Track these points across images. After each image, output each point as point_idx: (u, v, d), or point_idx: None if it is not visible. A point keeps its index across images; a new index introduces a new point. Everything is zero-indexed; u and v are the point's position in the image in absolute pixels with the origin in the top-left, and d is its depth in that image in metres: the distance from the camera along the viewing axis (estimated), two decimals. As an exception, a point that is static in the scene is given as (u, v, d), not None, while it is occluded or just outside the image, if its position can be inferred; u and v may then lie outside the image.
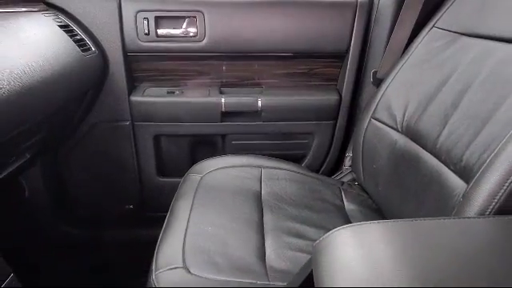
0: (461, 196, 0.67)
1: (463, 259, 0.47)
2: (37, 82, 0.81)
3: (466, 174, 0.69)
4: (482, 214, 0.58)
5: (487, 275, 0.43)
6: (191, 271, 0.70)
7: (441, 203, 0.75)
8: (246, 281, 0.70)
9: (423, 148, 0.87)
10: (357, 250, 0.48)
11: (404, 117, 0.97)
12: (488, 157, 0.64)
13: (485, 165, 0.62)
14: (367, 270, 0.44)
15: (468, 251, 0.48)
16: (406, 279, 0.41)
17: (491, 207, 0.58)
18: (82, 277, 1.29)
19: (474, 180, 0.62)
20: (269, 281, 0.70)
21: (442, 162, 0.78)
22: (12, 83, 0.72)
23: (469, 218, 0.58)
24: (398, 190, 0.93)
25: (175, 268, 0.71)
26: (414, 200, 0.85)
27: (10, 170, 0.93)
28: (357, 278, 0.43)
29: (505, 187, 0.56)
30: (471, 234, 0.53)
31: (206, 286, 0.68)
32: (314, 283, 0.49)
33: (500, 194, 0.57)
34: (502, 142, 0.62)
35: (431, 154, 0.83)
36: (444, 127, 0.82)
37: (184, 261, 0.72)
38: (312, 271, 0.52)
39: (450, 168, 0.75)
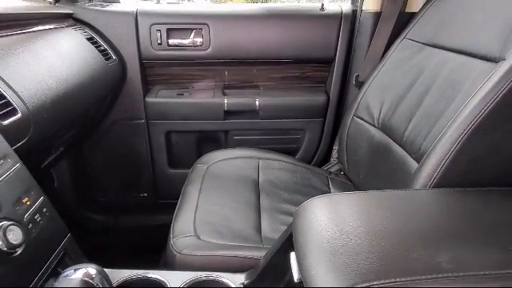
0: (416, 176, 0.82)
1: (405, 218, 0.62)
2: (72, 87, 0.96)
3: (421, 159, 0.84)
4: (424, 187, 0.73)
5: (418, 228, 0.59)
6: (201, 238, 0.85)
7: (404, 185, 0.86)
8: (244, 244, 0.84)
9: (393, 141, 0.99)
10: (327, 213, 0.62)
11: (380, 114, 1.09)
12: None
13: (429, 150, 0.77)
14: (333, 228, 0.57)
15: (409, 212, 0.64)
16: (363, 234, 0.55)
17: (430, 182, 0.72)
18: (104, 256, 1.43)
19: (421, 162, 0.78)
20: (263, 245, 0.84)
21: (407, 151, 0.90)
22: (58, 88, 0.88)
23: (413, 190, 0.74)
24: (375, 178, 1.05)
25: (188, 236, 0.86)
26: (385, 184, 0.97)
27: (48, 161, 1.07)
28: (325, 233, 0.56)
29: (439, 168, 0.71)
30: (413, 201, 0.69)
31: (212, 248, 0.82)
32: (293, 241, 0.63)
33: (436, 172, 0.71)
34: (442, 132, 0.75)
35: (399, 145, 0.95)
36: (409, 123, 0.94)
37: (195, 230, 0.87)
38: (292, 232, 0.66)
39: (411, 156, 0.87)
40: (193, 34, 1.36)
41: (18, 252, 0.55)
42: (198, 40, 1.36)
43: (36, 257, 0.59)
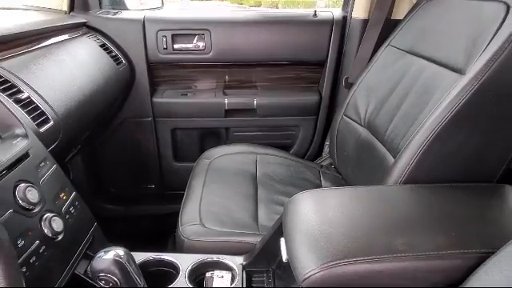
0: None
1: (375, 210, 0.74)
2: (90, 92, 1.07)
3: (398, 158, 0.95)
4: (395, 183, 0.84)
5: (385, 218, 0.71)
6: (205, 225, 0.96)
7: (383, 180, 0.94)
8: (243, 231, 0.95)
9: (377, 139, 1.08)
10: (312, 206, 0.74)
11: (366, 114, 1.17)
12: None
13: (401, 150, 0.88)
14: (316, 218, 0.70)
15: (379, 206, 0.76)
16: (340, 223, 0.67)
17: (400, 179, 0.83)
18: (117, 242, 1.54)
19: (394, 161, 0.89)
20: (259, 232, 0.96)
21: (387, 149, 1.00)
22: (78, 95, 0.99)
23: (386, 186, 0.86)
24: (360, 172, 1.15)
25: (195, 224, 0.97)
26: (368, 178, 1.07)
27: (69, 156, 1.19)
28: (308, 222, 0.68)
29: (408, 167, 0.82)
30: (384, 196, 0.81)
31: (215, 234, 0.94)
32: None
33: (405, 171, 0.82)
34: (414, 132, 0.85)
35: (381, 143, 1.05)
36: (390, 123, 1.03)
37: (200, 219, 0.99)
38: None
39: (391, 154, 0.97)
40: (196, 38, 1.44)
41: (59, 238, 0.67)
42: (201, 44, 1.44)
43: (72, 242, 0.71)
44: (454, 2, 1.01)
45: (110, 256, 0.61)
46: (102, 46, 1.30)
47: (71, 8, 1.33)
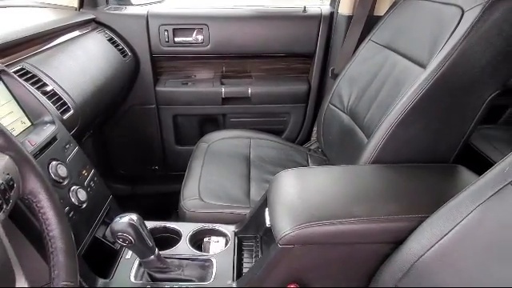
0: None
1: (345, 185, 0.88)
2: (101, 82, 1.19)
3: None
4: (365, 163, 0.98)
5: (351, 192, 0.85)
6: (204, 200, 1.10)
7: (357, 161, 1.06)
8: (236, 205, 1.09)
9: (357, 125, 1.20)
10: (293, 181, 0.88)
11: (349, 103, 1.29)
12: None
13: (371, 135, 1.02)
14: (294, 191, 0.83)
15: (349, 182, 0.90)
16: (313, 196, 0.81)
17: (370, 159, 0.96)
18: None
19: (365, 143, 1.03)
20: (250, 206, 1.10)
21: (365, 134, 1.12)
22: (92, 86, 1.13)
23: (357, 165, 1.00)
24: (343, 154, 1.26)
25: (195, 199, 1.11)
26: (349, 159, 1.16)
27: (83, 140, 1.33)
28: (287, 195, 0.82)
29: (375, 149, 0.95)
30: (355, 173, 0.95)
31: (212, 207, 1.08)
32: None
33: (373, 152, 0.95)
34: (383, 117, 0.98)
35: (360, 129, 1.17)
36: (368, 111, 1.15)
37: (199, 194, 1.12)
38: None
39: (367, 138, 1.08)
40: (195, 32, 1.55)
41: (83, 206, 0.82)
42: (199, 38, 1.55)
43: (93, 210, 0.86)
44: (422, 4, 1.13)
45: (125, 219, 0.75)
46: (110, 39, 1.42)
47: (81, 5, 1.45)
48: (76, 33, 1.27)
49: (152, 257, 0.80)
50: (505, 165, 0.60)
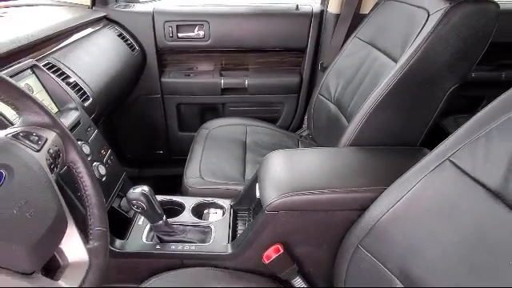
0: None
1: (325, 164, 1.03)
2: (112, 74, 1.33)
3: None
4: (343, 146, 1.12)
5: (330, 170, 1.00)
6: (204, 178, 1.25)
7: (341, 144, 1.24)
8: (232, 182, 1.24)
9: (342, 113, 1.33)
10: (280, 160, 1.02)
11: (335, 93, 1.42)
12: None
13: (350, 121, 1.16)
14: (281, 168, 0.97)
15: (329, 161, 1.05)
16: (296, 172, 0.95)
17: (347, 143, 1.10)
18: None
19: (345, 129, 1.18)
20: (244, 183, 1.24)
21: (347, 121, 1.25)
22: (105, 77, 1.27)
23: (337, 148, 1.15)
24: (329, 140, 1.38)
25: (196, 177, 1.26)
26: (334, 145, 1.29)
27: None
28: (275, 170, 0.96)
29: (352, 133, 1.10)
30: (334, 155, 1.09)
31: (211, 184, 1.22)
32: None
33: (351, 136, 1.09)
34: (361, 105, 1.12)
35: (344, 117, 1.30)
36: (351, 101, 1.28)
37: (200, 174, 1.27)
38: (258, 173, 1.06)
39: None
40: (196, 28, 1.67)
41: (103, 179, 0.98)
42: (201, 33, 1.67)
43: (110, 183, 1.02)
44: (399, 5, 1.26)
45: (139, 190, 0.90)
46: (119, 35, 1.55)
47: (93, 3, 1.58)
48: (89, 30, 1.40)
49: (161, 222, 0.96)
50: (446, 144, 0.75)
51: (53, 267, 0.54)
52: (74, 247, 0.57)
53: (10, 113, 0.78)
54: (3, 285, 0.44)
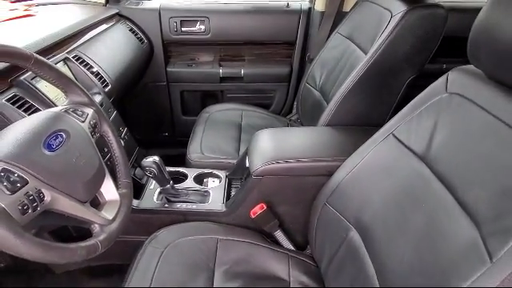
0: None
1: (305, 141, 1.24)
2: (126, 64, 1.53)
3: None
4: (321, 125, 1.33)
5: (309, 145, 1.22)
6: (204, 153, 1.46)
7: (319, 124, 1.45)
8: (228, 157, 1.45)
9: (324, 99, 1.53)
10: (268, 136, 1.23)
11: (320, 82, 1.61)
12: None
13: (328, 103, 1.37)
14: (267, 142, 1.19)
15: (308, 138, 1.26)
16: (280, 145, 1.16)
17: (325, 122, 1.31)
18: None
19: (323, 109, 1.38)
20: (238, 157, 1.47)
21: (328, 105, 1.48)
22: (120, 67, 1.48)
23: (315, 127, 1.36)
24: (313, 122, 1.53)
25: (197, 153, 1.47)
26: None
27: None
28: (262, 144, 1.18)
29: (329, 115, 1.30)
30: (313, 133, 1.30)
31: (210, 158, 1.44)
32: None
33: (327, 117, 1.30)
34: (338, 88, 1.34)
35: (326, 102, 1.49)
36: (332, 88, 1.47)
37: (201, 150, 1.48)
38: (249, 148, 1.28)
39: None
40: (198, 23, 1.84)
41: (122, 151, 1.20)
42: (202, 28, 1.85)
43: (127, 155, 1.24)
44: (372, 5, 1.44)
45: (151, 159, 1.13)
46: (130, 30, 1.75)
47: (107, 1, 1.78)
48: (105, 26, 1.60)
49: (168, 186, 1.19)
50: (390, 122, 0.97)
51: (96, 203, 0.77)
52: (109, 191, 0.79)
53: (52, 95, 1.00)
54: (72, 209, 0.66)
